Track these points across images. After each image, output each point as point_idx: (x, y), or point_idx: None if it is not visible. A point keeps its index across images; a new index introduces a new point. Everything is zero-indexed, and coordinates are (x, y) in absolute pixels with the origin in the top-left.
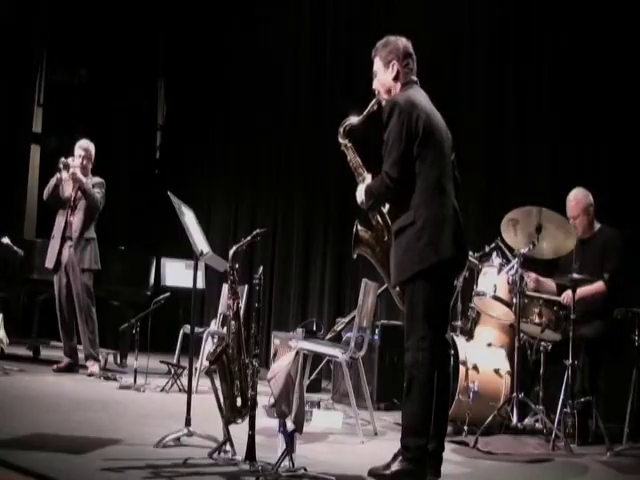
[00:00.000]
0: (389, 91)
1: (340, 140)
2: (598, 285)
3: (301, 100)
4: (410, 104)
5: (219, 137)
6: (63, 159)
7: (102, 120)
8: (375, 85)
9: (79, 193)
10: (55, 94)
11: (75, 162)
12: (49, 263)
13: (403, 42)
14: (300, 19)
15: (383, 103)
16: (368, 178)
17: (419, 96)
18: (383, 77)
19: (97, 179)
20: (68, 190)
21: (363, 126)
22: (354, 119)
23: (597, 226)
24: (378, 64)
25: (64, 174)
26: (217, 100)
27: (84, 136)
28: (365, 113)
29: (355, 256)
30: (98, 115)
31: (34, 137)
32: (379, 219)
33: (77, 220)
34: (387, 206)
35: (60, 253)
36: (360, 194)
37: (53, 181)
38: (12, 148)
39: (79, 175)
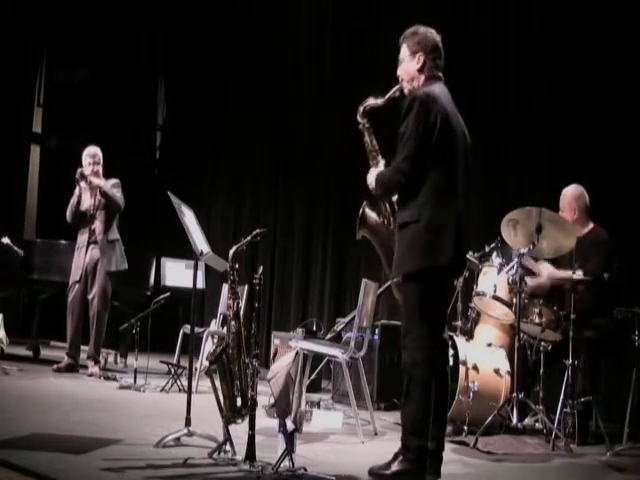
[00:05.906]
0: (412, 80)
1: (359, 119)
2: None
3: (301, 99)
4: (431, 100)
5: (219, 137)
6: (79, 170)
7: (102, 120)
8: (399, 72)
9: (98, 200)
10: (55, 94)
11: (87, 170)
12: (75, 276)
13: (433, 35)
14: (300, 17)
15: (405, 91)
16: (381, 164)
17: (442, 94)
18: (408, 65)
19: (113, 180)
20: (86, 201)
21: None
22: (374, 101)
23: (590, 226)
24: (405, 52)
25: (82, 184)
26: (217, 100)
27: (84, 136)
28: (386, 97)
29: (359, 237)
30: (98, 115)
31: (34, 137)
32: (387, 206)
33: (99, 224)
34: (396, 195)
35: (84, 260)
36: (371, 179)
37: (75, 199)
38: (12, 148)
39: (96, 181)
